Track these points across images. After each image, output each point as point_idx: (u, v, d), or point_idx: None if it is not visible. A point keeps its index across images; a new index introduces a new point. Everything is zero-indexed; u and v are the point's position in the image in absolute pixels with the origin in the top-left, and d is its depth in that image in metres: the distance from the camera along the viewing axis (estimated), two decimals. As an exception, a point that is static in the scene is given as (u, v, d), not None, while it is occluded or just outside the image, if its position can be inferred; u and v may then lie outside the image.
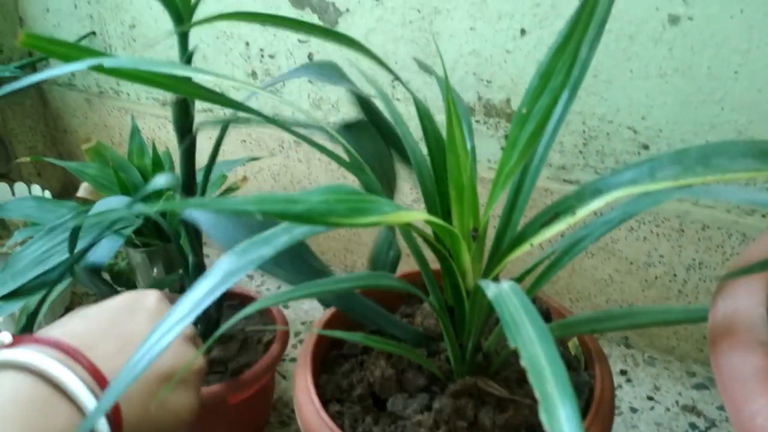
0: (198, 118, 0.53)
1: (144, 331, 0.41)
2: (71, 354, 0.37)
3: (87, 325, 0.41)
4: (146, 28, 0.98)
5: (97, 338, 0.40)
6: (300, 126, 0.49)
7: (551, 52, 0.40)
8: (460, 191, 0.44)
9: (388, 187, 0.56)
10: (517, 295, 0.32)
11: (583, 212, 0.40)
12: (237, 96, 0.57)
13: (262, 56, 0.89)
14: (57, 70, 0.35)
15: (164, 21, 0.96)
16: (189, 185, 0.57)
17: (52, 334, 0.39)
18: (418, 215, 0.35)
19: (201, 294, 0.30)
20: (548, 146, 0.48)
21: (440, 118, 0.80)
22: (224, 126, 0.57)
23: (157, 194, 0.78)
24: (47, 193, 0.90)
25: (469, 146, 0.50)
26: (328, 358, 0.56)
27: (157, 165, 0.80)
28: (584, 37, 0.39)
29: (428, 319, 0.57)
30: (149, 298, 0.45)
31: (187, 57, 0.51)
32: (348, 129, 0.54)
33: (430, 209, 0.51)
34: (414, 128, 0.77)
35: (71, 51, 0.37)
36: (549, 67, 0.40)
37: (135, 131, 0.82)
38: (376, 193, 0.45)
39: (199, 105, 1.00)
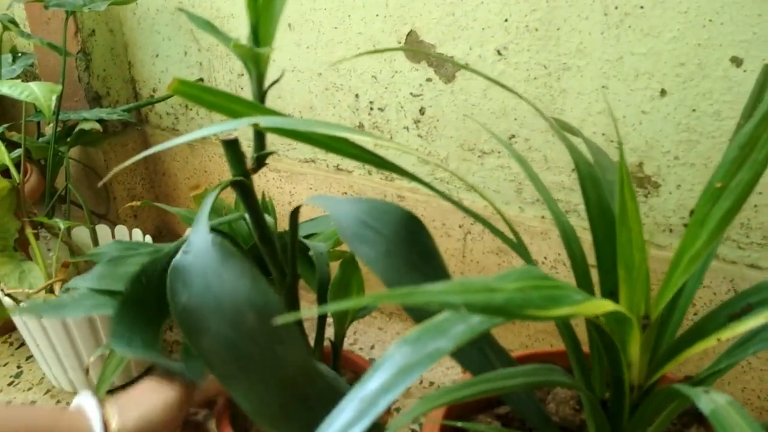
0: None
1: None
2: None
3: None
4: (254, 76, 0.99)
5: None
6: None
7: (756, 121, 0.35)
8: (630, 271, 0.38)
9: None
10: (743, 417, 0.26)
11: (789, 307, 0.35)
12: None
13: (371, 109, 0.87)
14: (215, 128, 0.32)
15: (271, 71, 0.95)
16: (261, 229, 0.54)
17: None
18: (609, 305, 0.30)
19: (372, 391, 0.25)
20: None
21: (558, 178, 0.75)
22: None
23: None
24: (148, 238, 0.89)
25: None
26: (450, 444, 0.51)
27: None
28: (803, 104, 0.33)
29: (564, 407, 0.51)
30: None
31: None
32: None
33: (581, 285, 0.45)
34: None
35: (224, 101, 0.35)
36: (752, 137, 0.35)
37: (241, 180, 0.80)
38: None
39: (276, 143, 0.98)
